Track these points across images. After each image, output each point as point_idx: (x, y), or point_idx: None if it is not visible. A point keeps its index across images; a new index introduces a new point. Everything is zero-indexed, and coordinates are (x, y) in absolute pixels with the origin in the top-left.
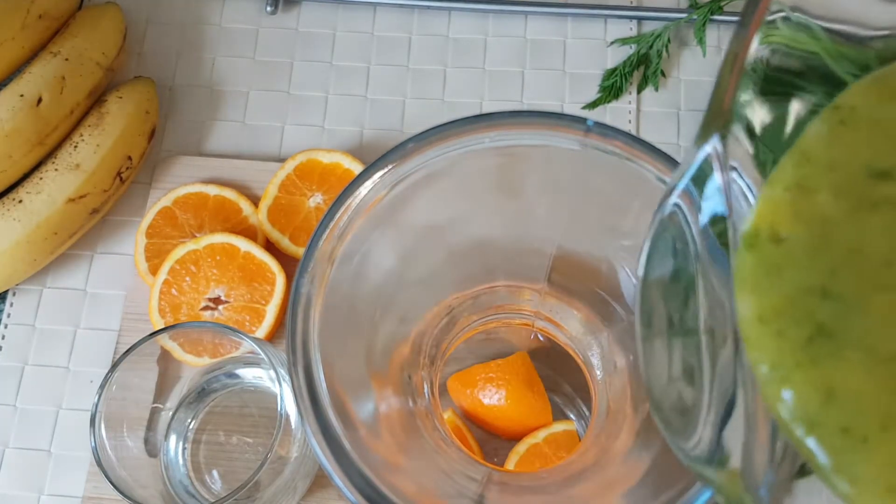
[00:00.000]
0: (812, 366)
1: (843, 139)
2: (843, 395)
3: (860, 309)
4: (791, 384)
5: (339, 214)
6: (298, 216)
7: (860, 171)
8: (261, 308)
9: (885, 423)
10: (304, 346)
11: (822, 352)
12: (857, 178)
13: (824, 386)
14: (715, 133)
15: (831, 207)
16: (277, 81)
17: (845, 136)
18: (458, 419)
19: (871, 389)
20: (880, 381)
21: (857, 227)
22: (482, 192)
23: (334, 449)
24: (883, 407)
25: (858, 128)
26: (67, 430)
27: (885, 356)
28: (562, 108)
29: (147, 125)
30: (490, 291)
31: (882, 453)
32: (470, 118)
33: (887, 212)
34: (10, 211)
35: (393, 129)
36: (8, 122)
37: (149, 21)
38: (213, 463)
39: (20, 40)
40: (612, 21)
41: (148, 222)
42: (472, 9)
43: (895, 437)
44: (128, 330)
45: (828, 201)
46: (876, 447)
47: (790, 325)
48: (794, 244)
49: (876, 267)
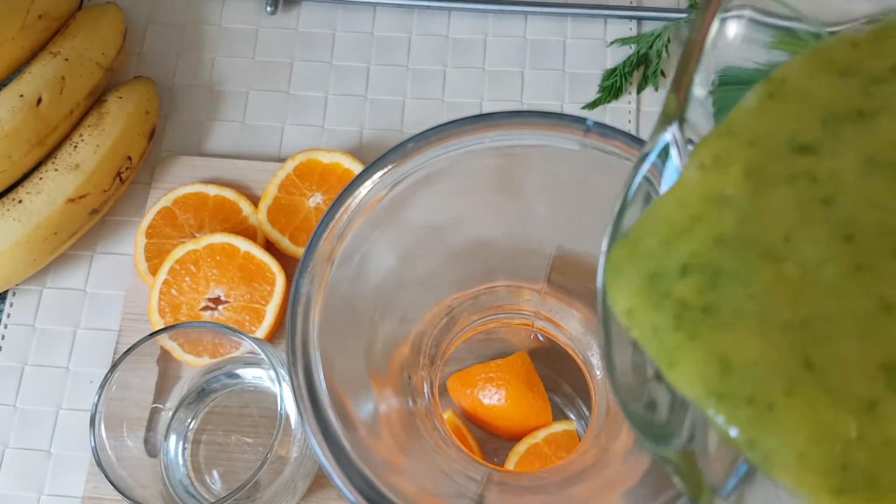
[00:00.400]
0: (692, 342)
1: (769, 112)
2: (739, 365)
3: (745, 280)
4: (681, 365)
5: (339, 214)
6: (298, 216)
7: (782, 146)
8: (261, 308)
9: (789, 389)
10: (304, 346)
11: (698, 327)
12: (778, 152)
13: (716, 358)
14: (675, 120)
15: (734, 186)
16: (277, 81)
17: (772, 109)
18: (458, 419)
19: (768, 356)
20: (777, 347)
21: (757, 205)
22: (482, 192)
23: (334, 449)
24: (785, 373)
25: (787, 100)
26: (67, 430)
27: (779, 323)
28: (562, 108)
29: (147, 125)
30: (490, 291)
31: (790, 419)
32: (470, 118)
33: (803, 186)
34: (9, 211)
35: (393, 129)
36: (8, 123)
37: (149, 21)
38: (213, 463)
39: (20, 40)
40: (612, 21)
41: (148, 222)
42: (471, 9)
43: (801, 402)
44: (128, 330)
45: (735, 179)
46: (783, 414)
47: (649, 311)
48: (647, 234)
49: (773, 240)
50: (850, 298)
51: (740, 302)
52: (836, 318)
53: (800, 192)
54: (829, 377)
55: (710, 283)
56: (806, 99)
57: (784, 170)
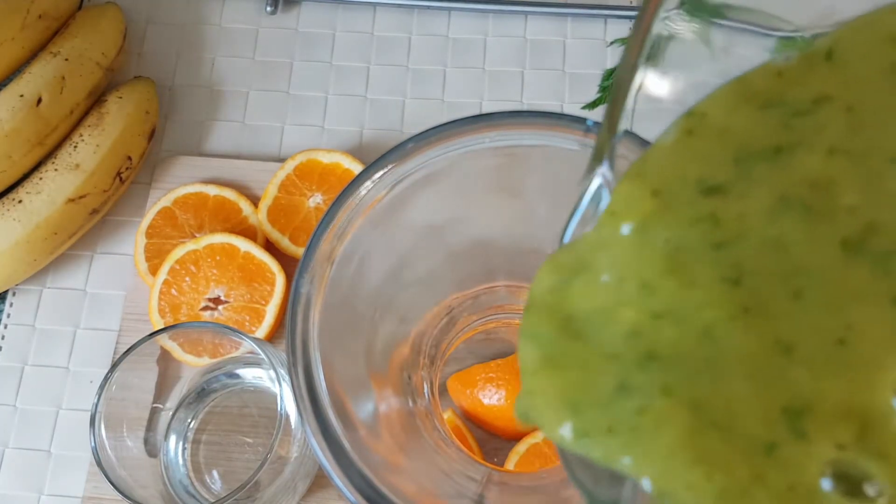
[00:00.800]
0: (577, 414)
1: (684, 150)
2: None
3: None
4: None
5: (339, 214)
6: (298, 216)
7: (691, 187)
8: (261, 308)
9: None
10: (304, 346)
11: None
12: (686, 195)
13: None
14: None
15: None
16: (277, 81)
17: (687, 146)
18: (458, 419)
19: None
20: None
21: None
22: (482, 192)
23: (334, 449)
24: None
25: (704, 137)
26: (67, 430)
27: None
28: (562, 108)
29: (147, 125)
30: (490, 291)
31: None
32: (470, 118)
33: (704, 230)
34: (9, 211)
35: (393, 129)
36: (8, 123)
37: (149, 21)
38: (213, 463)
39: (20, 40)
40: (612, 21)
41: (148, 222)
42: (471, 9)
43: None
44: (128, 330)
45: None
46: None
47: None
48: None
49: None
50: (734, 341)
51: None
52: (720, 361)
53: (701, 237)
54: (722, 420)
55: (572, 338)
56: (723, 135)
57: (689, 214)
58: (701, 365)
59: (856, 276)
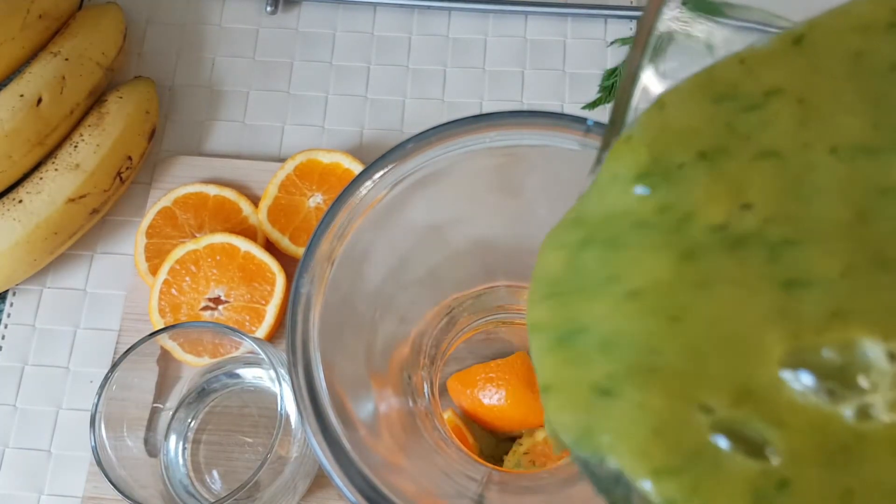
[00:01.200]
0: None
1: (633, 149)
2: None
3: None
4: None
5: (339, 214)
6: (298, 216)
7: (629, 183)
8: (261, 308)
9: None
10: (304, 346)
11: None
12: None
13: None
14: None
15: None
16: (277, 81)
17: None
18: (458, 419)
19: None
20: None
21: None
22: (482, 192)
23: (334, 449)
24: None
25: (662, 127)
26: (67, 430)
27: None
28: (562, 108)
29: (147, 125)
30: (490, 291)
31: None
32: (470, 118)
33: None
34: (9, 211)
35: (393, 129)
36: (8, 122)
37: (149, 21)
38: (213, 463)
39: (20, 40)
40: (612, 21)
41: (148, 222)
42: (472, 9)
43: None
44: (128, 330)
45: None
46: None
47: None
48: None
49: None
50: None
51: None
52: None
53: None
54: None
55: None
56: (669, 128)
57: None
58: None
59: (749, 264)
